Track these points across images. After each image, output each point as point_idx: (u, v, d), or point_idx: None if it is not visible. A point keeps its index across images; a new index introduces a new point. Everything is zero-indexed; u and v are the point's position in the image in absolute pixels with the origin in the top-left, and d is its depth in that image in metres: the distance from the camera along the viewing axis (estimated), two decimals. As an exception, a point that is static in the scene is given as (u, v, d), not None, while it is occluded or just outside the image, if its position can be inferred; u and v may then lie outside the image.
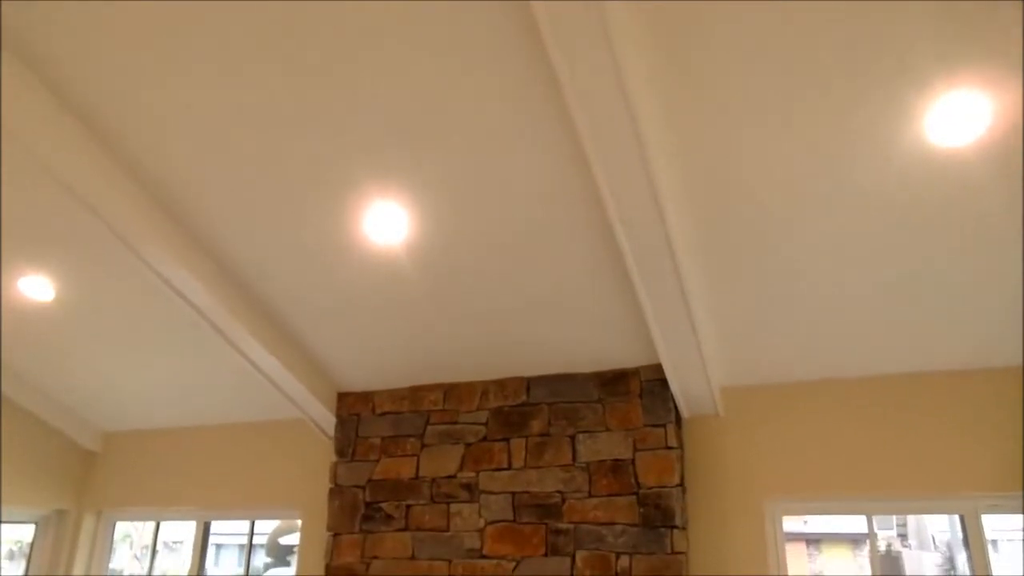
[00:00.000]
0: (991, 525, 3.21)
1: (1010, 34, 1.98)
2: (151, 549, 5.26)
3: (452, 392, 3.87)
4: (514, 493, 3.58)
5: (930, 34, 2.01)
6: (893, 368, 3.34)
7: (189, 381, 4.37)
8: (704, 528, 3.44)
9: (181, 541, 4.93)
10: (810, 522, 13.12)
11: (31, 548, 4.88)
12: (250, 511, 4.54)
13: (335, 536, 3.88)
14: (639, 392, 3.52)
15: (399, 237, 3.01)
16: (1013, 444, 3.10)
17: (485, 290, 3.25)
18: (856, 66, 2.11)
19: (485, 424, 3.75)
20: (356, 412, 4.05)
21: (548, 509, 3.49)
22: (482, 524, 3.59)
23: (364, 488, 3.89)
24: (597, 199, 2.68)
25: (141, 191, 3.02)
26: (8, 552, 5.49)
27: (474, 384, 3.83)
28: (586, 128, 2.25)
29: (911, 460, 3.23)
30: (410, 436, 3.89)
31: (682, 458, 3.51)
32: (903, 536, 13.73)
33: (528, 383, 3.73)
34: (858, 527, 12.46)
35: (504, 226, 2.91)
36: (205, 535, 4.77)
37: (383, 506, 3.82)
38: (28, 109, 2.58)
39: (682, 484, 3.42)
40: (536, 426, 3.65)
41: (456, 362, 3.76)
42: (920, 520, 13.80)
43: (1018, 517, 3.21)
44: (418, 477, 3.79)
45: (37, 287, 3.62)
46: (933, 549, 13.38)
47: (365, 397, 4.06)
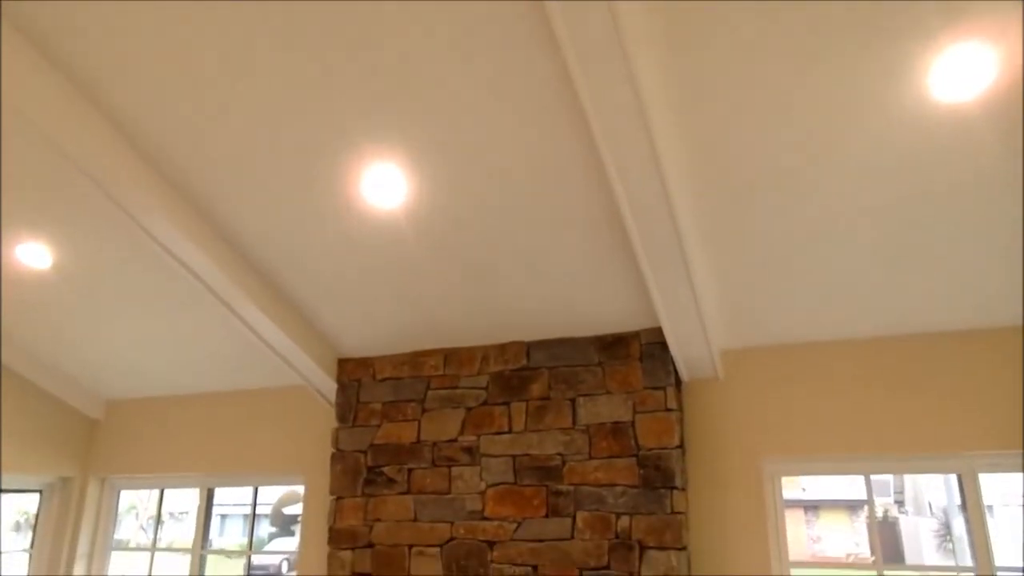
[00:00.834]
0: (988, 488, 3.23)
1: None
2: (156, 519, 5.31)
3: (452, 357, 3.88)
4: (514, 456, 3.60)
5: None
6: (892, 330, 3.34)
7: (190, 349, 4.38)
8: (703, 489, 3.47)
9: (186, 512, 4.98)
10: (808, 489, 13.30)
11: (37, 515, 4.94)
12: (253, 477, 4.59)
13: (338, 500, 3.92)
14: (639, 355, 3.52)
15: (398, 200, 2.98)
16: (1012, 403, 3.11)
17: (485, 254, 3.23)
18: (859, 21, 2.08)
19: (485, 388, 3.76)
20: (357, 378, 4.07)
21: (548, 471, 3.52)
22: (483, 487, 3.62)
23: (366, 453, 3.92)
24: (598, 162, 2.65)
25: (139, 157, 2.99)
26: (15, 524, 5.54)
27: (474, 349, 3.84)
28: (586, 90, 2.23)
29: (909, 420, 3.25)
30: (411, 401, 3.90)
31: (682, 420, 3.52)
32: (900, 503, 13.92)
33: (528, 347, 3.74)
34: (855, 494, 12.63)
35: (504, 189, 2.88)
36: (209, 502, 4.81)
37: (385, 470, 3.85)
38: (25, 76, 2.55)
39: (681, 446, 3.45)
40: (536, 390, 3.66)
41: (456, 327, 3.76)
42: (917, 487, 13.99)
43: (1016, 482, 3.24)
44: (419, 441, 3.81)
45: (35, 254, 3.60)
46: (929, 515, 13.57)
47: (365, 363, 4.07)
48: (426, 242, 3.21)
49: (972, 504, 3.23)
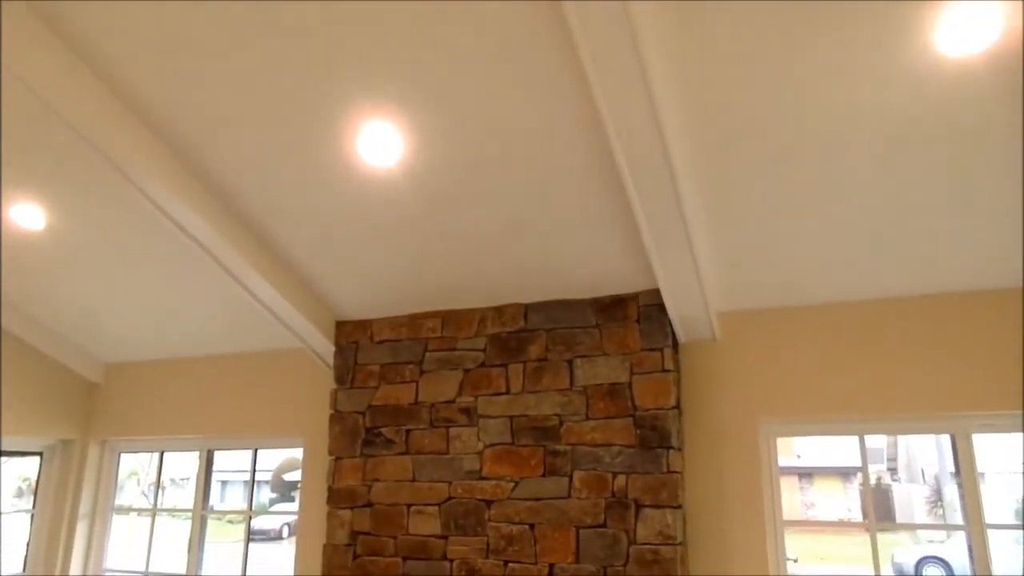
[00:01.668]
0: (981, 456, 3.25)
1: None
2: (156, 483, 5.36)
3: (450, 319, 3.88)
4: (512, 417, 3.62)
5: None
6: (891, 291, 3.34)
7: (188, 312, 4.38)
8: (699, 449, 3.50)
9: (187, 478, 5.02)
10: (803, 456, 13.48)
11: (38, 477, 4.98)
12: (253, 439, 4.62)
13: (337, 460, 3.95)
14: (636, 317, 3.52)
15: (395, 159, 2.96)
16: (1006, 365, 3.12)
17: (483, 215, 3.21)
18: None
19: (483, 350, 3.77)
20: (355, 340, 4.07)
21: (546, 432, 3.54)
22: (481, 447, 3.65)
23: (364, 414, 3.95)
24: (597, 123, 2.63)
25: (133, 117, 2.96)
26: (16, 489, 5.59)
27: (472, 311, 3.84)
28: (587, 50, 2.21)
29: (905, 382, 3.27)
30: (409, 363, 3.91)
31: (678, 381, 3.54)
32: (893, 470, 14.11)
33: (526, 309, 3.74)
34: (848, 461, 12.80)
35: (502, 150, 2.86)
36: (209, 465, 4.85)
37: (383, 431, 3.88)
38: (17, 36, 2.51)
39: (678, 406, 3.47)
40: (534, 351, 3.67)
41: (454, 289, 3.76)
42: (910, 454, 14.15)
43: (1008, 450, 3.26)
44: (417, 402, 3.83)
45: (28, 215, 3.58)
46: (922, 482, 13.76)
47: (363, 325, 4.07)
48: (424, 204, 3.19)
49: (965, 464, 3.26)
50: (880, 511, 12.15)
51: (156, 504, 5.64)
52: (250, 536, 4.89)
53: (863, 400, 3.31)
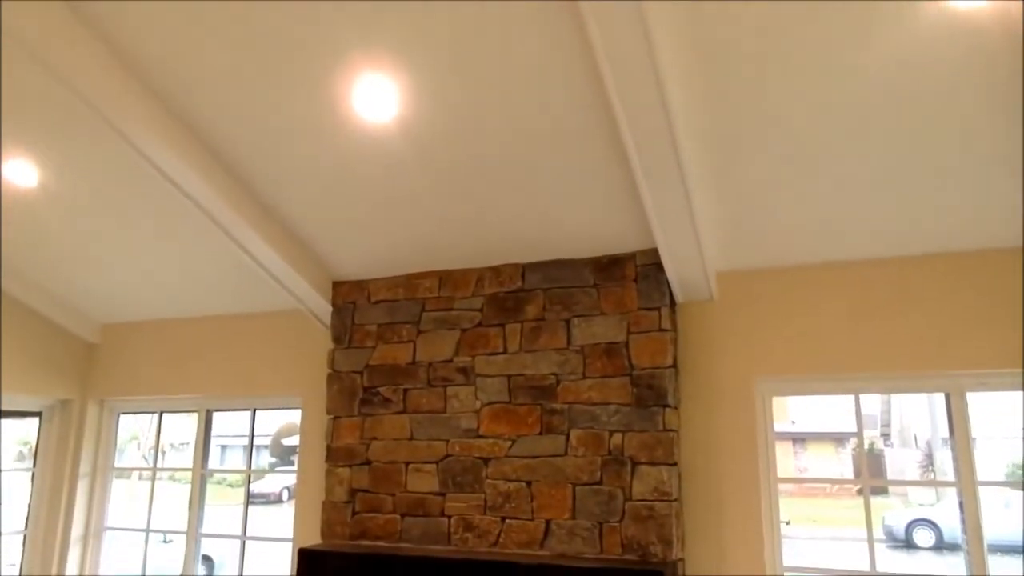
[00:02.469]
0: (973, 417, 3.28)
1: None
2: (156, 444, 5.39)
3: (447, 279, 3.87)
4: (509, 376, 3.64)
5: None
6: (888, 252, 3.33)
7: (184, 272, 4.37)
8: (695, 407, 3.52)
9: (187, 443, 5.05)
10: (797, 422, 13.61)
11: (38, 437, 5.01)
12: (251, 399, 4.64)
13: (335, 419, 3.97)
14: (634, 277, 3.52)
15: (390, 115, 2.91)
16: (1006, 323, 3.13)
17: (480, 173, 3.18)
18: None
19: (480, 310, 3.77)
20: (352, 300, 4.07)
21: (543, 391, 3.56)
22: (478, 406, 3.67)
23: (362, 373, 3.96)
24: (597, 79, 2.59)
25: (127, 73, 2.92)
26: (17, 454, 5.62)
27: (469, 271, 3.83)
28: (588, 5, 2.17)
29: (901, 341, 3.28)
30: (406, 323, 3.91)
31: (675, 341, 3.55)
32: (886, 435, 14.27)
33: (523, 269, 3.73)
34: (841, 427, 12.93)
35: (500, 106, 2.82)
36: (208, 426, 4.88)
37: (381, 390, 3.89)
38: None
39: (675, 365, 3.48)
40: (531, 311, 3.67)
41: (451, 249, 3.74)
42: (903, 420, 14.28)
43: (999, 412, 3.28)
44: (415, 362, 3.84)
45: (19, 171, 3.53)
46: (914, 447, 13.93)
47: (360, 285, 4.06)
48: (420, 160, 3.15)
49: (958, 422, 3.29)
50: (873, 475, 12.29)
51: (156, 463, 5.69)
52: (250, 499, 4.94)
53: (859, 359, 3.32)
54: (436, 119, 2.92)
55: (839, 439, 13.08)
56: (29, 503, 4.92)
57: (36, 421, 5.03)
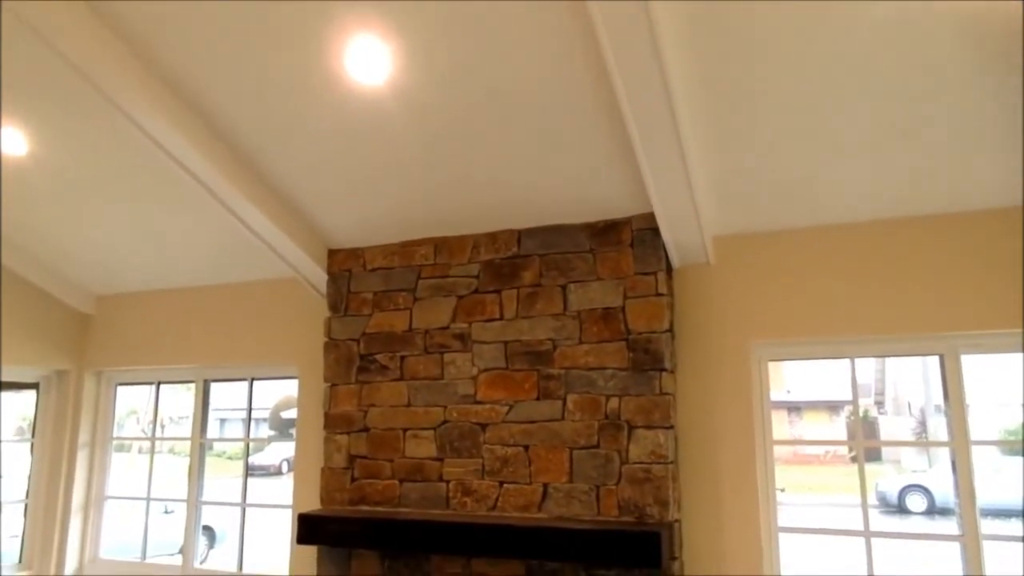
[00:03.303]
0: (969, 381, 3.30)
1: None
2: (154, 413, 5.41)
3: (443, 246, 3.85)
4: (506, 342, 3.64)
5: None
6: (885, 213, 3.32)
7: (178, 242, 4.34)
8: (691, 371, 3.53)
9: (186, 416, 5.06)
10: (792, 392, 13.73)
11: (36, 408, 5.02)
12: (248, 367, 4.64)
13: (332, 387, 3.98)
14: (630, 242, 3.51)
15: (383, 78, 2.87)
16: (1003, 284, 3.13)
17: (475, 138, 3.15)
18: None
19: (477, 277, 3.76)
20: (347, 268, 4.05)
21: (540, 356, 3.57)
22: (475, 372, 3.68)
23: (358, 341, 3.96)
24: (593, 42, 2.55)
25: (118, 39, 2.86)
26: (17, 429, 5.64)
27: (465, 238, 3.81)
28: None
29: (897, 303, 3.28)
30: (402, 290, 3.91)
31: (672, 305, 3.55)
32: (880, 403, 14.41)
33: (519, 235, 3.71)
34: (836, 395, 13.04)
35: (494, 69, 2.78)
36: (206, 395, 4.89)
37: (378, 357, 3.90)
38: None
39: (671, 330, 3.49)
40: (527, 277, 3.66)
41: (446, 216, 3.72)
42: (897, 389, 14.40)
43: (991, 377, 3.29)
44: (411, 329, 3.84)
45: (8, 139, 3.49)
46: (908, 415, 14.07)
47: (355, 253, 4.05)
48: (413, 126, 3.12)
49: (952, 383, 3.31)
50: (867, 440, 12.44)
51: (155, 433, 5.72)
52: (249, 471, 4.98)
53: (855, 322, 3.33)
54: (429, 82, 2.88)
55: (834, 407, 13.22)
56: (29, 473, 4.94)
57: (34, 395, 5.03)
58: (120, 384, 5.19)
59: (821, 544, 8.95)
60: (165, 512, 7.38)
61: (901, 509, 11.01)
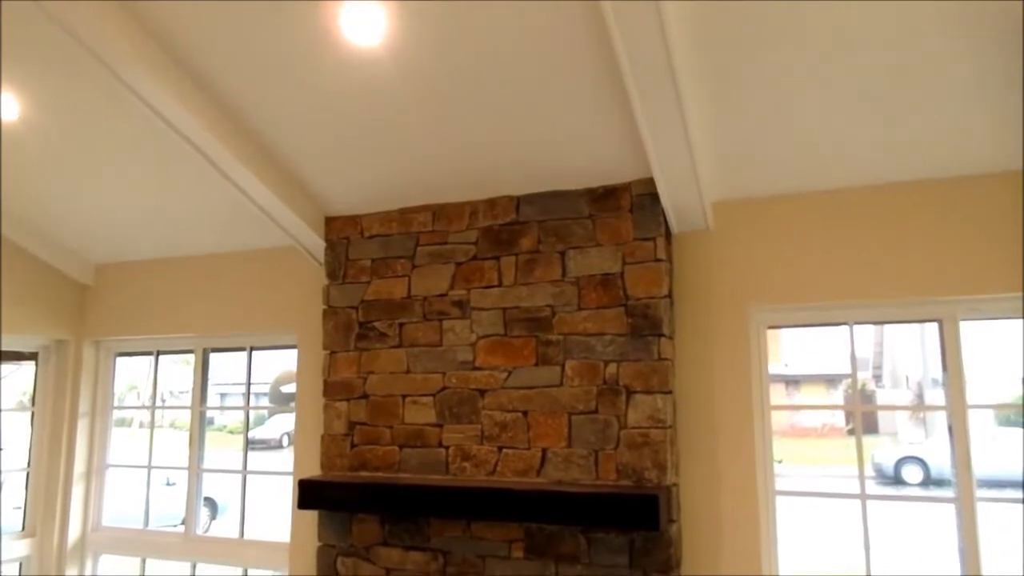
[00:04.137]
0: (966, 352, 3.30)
1: None
2: (154, 384, 5.42)
3: (441, 213, 3.83)
4: (505, 309, 3.64)
5: None
6: (887, 177, 3.30)
7: (176, 211, 4.32)
8: (690, 336, 3.53)
9: (186, 391, 5.07)
10: (790, 365, 13.79)
11: (35, 378, 5.02)
12: (247, 336, 4.64)
13: (331, 354, 3.99)
14: (629, 207, 3.49)
15: (377, 38, 2.83)
16: (1004, 248, 3.12)
17: (472, 102, 3.12)
18: None
19: (475, 243, 3.75)
20: (345, 236, 4.04)
21: (538, 323, 3.56)
22: (474, 339, 3.68)
23: (357, 308, 3.95)
24: (595, 4, 2.52)
25: (113, 3, 2.81)
26: (18, 403, 5.65)
27: (463, 204, 3.79)
28: None
29: (896, 268, 3.27)
30: (400, 257, 3.89)
31: (671, 271, 3.54)
32: (878, 377, 14.48)
33: (518, 201, 3.69)
34: (833, 368, 13.09)
35: (494, 31, 2.74)
36: (205, 364, 4.90)
37: (376, 325, 3.89)
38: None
39: (670, 295, 3.48)
40: (526, 244, 3.65)
41: (444, 182, 3.69)
42: (894, 362, 14.45)
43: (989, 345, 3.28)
44: (410, 296, 3.84)
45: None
46: (905, 388, 14.15)
47: (353, 221, 4.03)
48: (410, 90, 3.08)
49: (950, 348, 3.31)
50: (864, 415, 12.54)
51: (155, 402, 5.74)
52: (250, 445, 5.00)
53: (853, 287, 3.33)
54: (426, 44, 2.84)
55: (831, 380, 13.28)
56: (30, 443, 4.97)
57: (33, 368, 5.04)
58: (119, 354, 5.19)
59: (817, 510, 9.05)
60: (167, 484, 7.44)
61: (897, 480, 11.12)
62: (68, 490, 4.89)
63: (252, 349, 4.71)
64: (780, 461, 3.53)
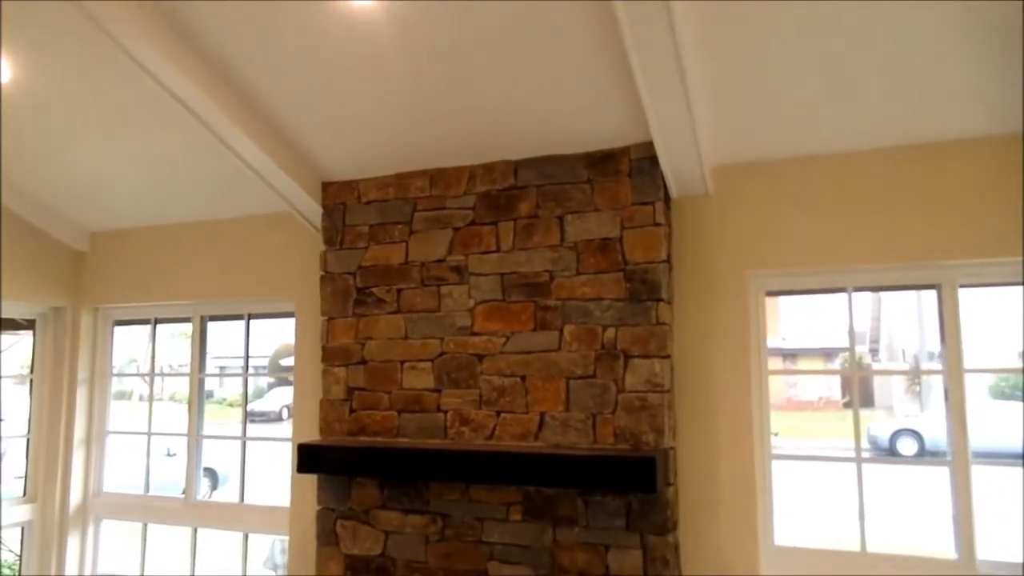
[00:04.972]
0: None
1: None
2: (152, 346, 5.42)
3: (438, 178, 3.81)
4: (503, 274, 3.63)
5: None
6: (886, 141, 3.27)
7: (171, 177, 4.28)
8: (688, 301, 3.53)
9: (185, 364, 5.08)
10: (787, 339, 13.83)
11: (33, 344, 5.02)
12: (245, 302, 4.64)
13: (329, 320, 3.98)
14: (628, 171, 3.46)
15: (375, 1, 2.79)
16: (1003, 213, 3.10)
17: (469, 64, 3.08)
18: None
19: (473, 208, 3.73)
20: (342, 201, 4.01)
21: (537, 288, 3.56)
22: (472, 304, 3.67)
23: (355, 274, 3.94)
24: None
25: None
26: (18, 377, 5.66)
27: (460, 169, 3.76)
28: None
29: (894, 233, 3.26)
30: (398, 223, 3.87)
31: (669, 236, 3.53)
32: (874, 351, 14.53)
33: (516, 166, 3.66)
34: (830, 342, 13.14)
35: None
36: (203, 332, 4.89)
37: (374, 290, 3.89)
38: None
39: (668, 260, 3.47)
40: (524, 209, 3.62)
41: (441, 147, 3.66)
42: (891, 335, 14.49)
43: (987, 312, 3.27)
44: (407, 262, 3.82)
45: (-6, 66, 3.40)
46: (902, 362, 14.20)
47: (350, 186, 4.00)
48: (406, 52, 3.04)
49: (948, 315, 3.31)
50: (861, 388, 12.60)
51: (153, 369, 5.76)
52: (249, 417, 5.02)
53: (852, 252, 3.31)
54: (423, 7, 2.79)
55: (828, 354, 13.33)
56: (29, 410, 4.98)
57: (31, 338, 5.04)
58: (117, 323, 5.19)
59: (813, 480, 9.15)
60: (168, 455, 7.49)
61: (892, 452, 11.21)
62: (69, 456, 4.91)
63: (250, 317, 4.70)
64: (776, 434, 3.55)
